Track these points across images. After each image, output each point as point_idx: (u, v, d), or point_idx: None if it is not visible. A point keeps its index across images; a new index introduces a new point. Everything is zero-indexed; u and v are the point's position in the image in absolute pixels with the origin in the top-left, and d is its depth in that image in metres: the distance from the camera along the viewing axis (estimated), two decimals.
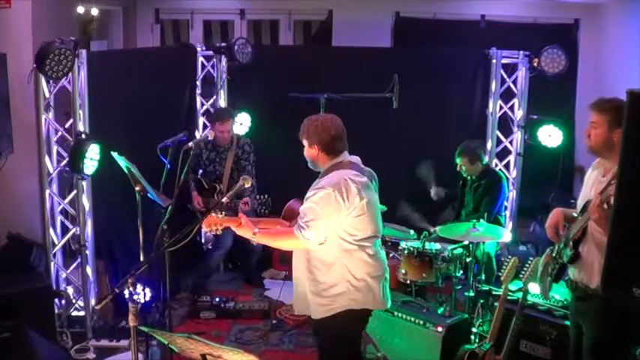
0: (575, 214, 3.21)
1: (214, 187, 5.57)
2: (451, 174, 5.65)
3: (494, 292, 4.30)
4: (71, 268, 4.87)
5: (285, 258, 5.08)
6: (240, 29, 7.58)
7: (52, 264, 4.74)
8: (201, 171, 5.73)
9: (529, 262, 3.77)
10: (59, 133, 4.68)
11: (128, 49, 7.15)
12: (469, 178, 5.45)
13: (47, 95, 4.54)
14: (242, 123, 6.11)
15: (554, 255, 3.29)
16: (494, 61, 6.05)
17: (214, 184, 5.59)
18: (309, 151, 3.36)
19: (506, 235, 4.86)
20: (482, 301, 4.35)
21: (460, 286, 4.85)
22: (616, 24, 6.38)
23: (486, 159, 5.58)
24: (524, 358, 4.02)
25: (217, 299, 5.29)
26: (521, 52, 5.89)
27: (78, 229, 4.75)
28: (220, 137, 5.48)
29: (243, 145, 5.64)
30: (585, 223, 3.06)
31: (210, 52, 6.38)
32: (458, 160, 5.35)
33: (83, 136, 4.48)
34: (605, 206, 2.77)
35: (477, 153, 5.37)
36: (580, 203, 3.21)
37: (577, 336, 3.30)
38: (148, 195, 4.11)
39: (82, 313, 4.83)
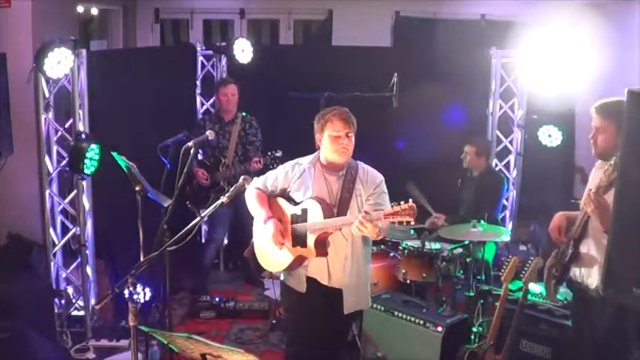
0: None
1: (219, 160, 5.46)
2: (451, 174, 5.65)
3: (494, 292, 4.30)
4: (71, 268, 4.87)
5: None
6: (240, 29, 7.57)
7: (52, 264, 4.74)
8: (200, 156, 5.67)
9: (529, 262, 3.77)
10: (59, 133, 4.67)
11: (128, 48, 7.15)
12: (469, 174, 5.45)
13: (47, 95, 4.53)
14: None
15: (558, 257, 3.29)
16: (494, 61, 6.05)
17: (219, 157, 5.49)
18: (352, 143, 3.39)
19: (505, 235, 4.86)
20: (482, 301, 4.35)
21: (460, 286, 4.85)
22: (616, 23, 6.38)
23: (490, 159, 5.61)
24: (524, 358, 4.01)
25: (217, 299, 5.29)
26: (521, 52, 5.89)
27: (78, 229, 4.75)
28: (225, 102, 5.41)
29: (249, 121, 5.56)
30: (583, 219, 3.06)
31: (210, 52, 6.38)
32: (465, 148, 5.36)
33: (83, 136, 4.48)
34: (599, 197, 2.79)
35: (487, 147, 5.44)
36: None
37: (577, 336, 3.30)
38: (148, 195, 4.11)
39: (82, 313, 4.83)
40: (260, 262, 3.56)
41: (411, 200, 2.99)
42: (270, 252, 3.46)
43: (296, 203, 3.40)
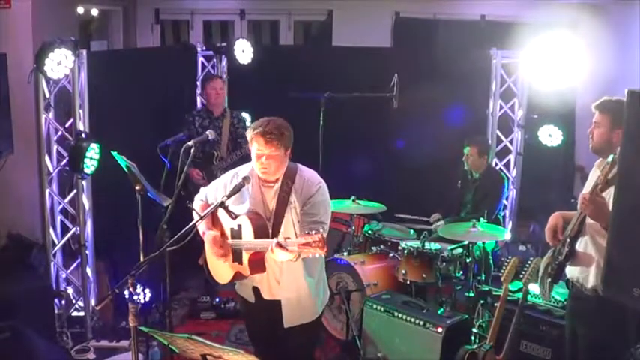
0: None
1: (211, 153, 5.40)
2: (451, 174, 5.65)
3: (494, 292, 4.29)
4: (71, 268, 4.87)
5: None
6: (240, 29, 7.58)
7: (52, 264, 4.74)
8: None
9: (529, 262, 3.77)
10: (59, 133, 4.68)
11: (128, 49, 7.15)
12: (469, 175, 5.45)
13: (47, 95, 4.54)
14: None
15: (554, 255, 3.29)
16: (494, 61, 6.06)
17: (212, 151, 5.43)
18: (284, 158, 3.17)
19: (505, 234, 4.86)
20: (482, 301, 4.35)
21: (460, 286, 4.85)
22: (616, 23, 6.38)
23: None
24: (524, 358, 4.02)
25: (217, 299, 5.29)
26: (521, 52, 5.90)
27: (78, 229, 4.75)
28: (214, 96, 5.39)
29: (237, 115, 5.57)
30: (579, 218, 3.06)
31: (210, 52, 6.39)
32: (466, 150, 5.35)
33: (83, 136, 4.48)
34: (596, 197, 2.79)
35: (487, 145, 5.45)
36: None
37: (572, 336, 3.30)
38: (148, 195, 4.11)
39: (82, 313, 4.83)
40: (210, 269, 3.49)
41: (321, 230, 2.92)
42: (216, 264, 3.39)
43: (235, 216, 3.17)
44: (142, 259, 3.96)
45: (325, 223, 3.14)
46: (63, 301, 4.82)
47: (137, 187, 4.05)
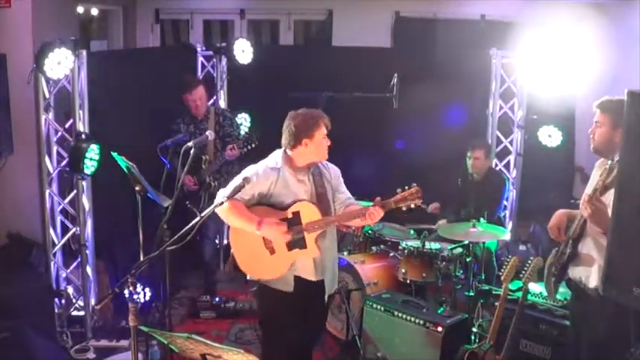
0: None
1: (200, 158, 5.30)
2: (451, 174, 5.65)
3: (494, 292, 4.29)
4: (71, 268, 4.87)
5: None
6: (240, 29, 7.57)
7: (52, 264, 4.74)
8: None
9: (529, 262, 3.77)
10: (59, 133, 4.68)
11: (128, 49, 7.14)
12: (470, 177, 5.45)
13: (47, 95, 4.54)
14: (242, 123, 6.10)
15: (557, 255, 3.29)
16: (494, 61, 6.05)
17: (199, 155, 5.31)
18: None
19: (505, 234, 4.86)
20: (482, 301, 4.35)
21: (460, 286, 4.85)
22: (617, 23, 6.38)
23: None
24: (524, 358, 4.01)
25: (217, 299, 5.29)
26: (521, 52, 5.90)
27: (78, 229, 4.75)
28: (193, 107, 5.30)
29: (222, 112, 5.49)
30: (581, 219, 3.06)
31: (210, 52, 6.38)
32: (472, 153, 5.33)
33: (83, 136, 4.48)
34: (596, 201, 2.79)
35: (490, 146, 5.43)
36: None
37: (576, 336, 3.30)
38: (148, 195, 4.11)
39: (82, 313, 4.83)
40: (248, 272, 3.54)
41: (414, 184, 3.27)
42: (263, 259, 3.44)
43: (282, 208, 3.39)
44: (141, 259, 3.97)
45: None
46: (63, 301, 4.82)
47: (137, 188, 4.06)
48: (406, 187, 3.30)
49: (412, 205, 3.28)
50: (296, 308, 3.49)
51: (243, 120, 6.16)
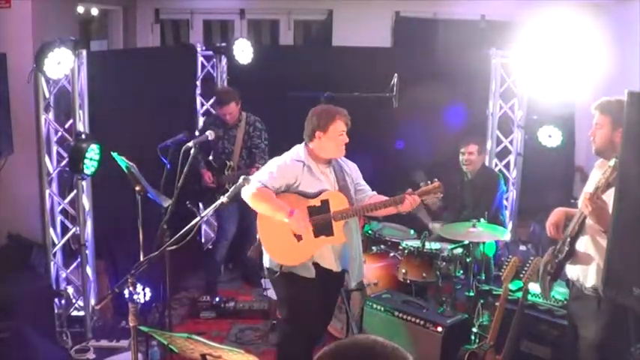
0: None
1: (224, 163, 5.45)
2: (451, 174, 5.64)
3: (494, 292, 4.29)
4: (71, 268, 4.87)
5: None
6: (240, 29, 7.57)
7: (52, 264, 4.74)
8: (211, 156, 5.65)
9: (529, 262, 3.77)
10: (59, 133, 4.67)
11: (128, 49, 7.14)
12: (465, 178, 5.44)
13: (47, 95, 4.53)
14: None
15: (554, 253, 3.29)
16: (493, 61, 6.05)
17: (225, 160, 5.47)
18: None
19: (505, 234, 4.85)
20: (482, 301, 4.35)
21: (460, 286, 4.85)
22: (617, 23, 6.38)
23: None
24: (524, 358, 4.01)
25: (217, 299, 5.29)
26: (521, 52, 5.90)
27: (78, 229, 4.75)
28: (224, 119, 5.41)
29: (253, 123, 5.52)
30: (580, 217, 3.06)
31: (210, 52, 6.38)
32: (466, 148, 5.33)
33: (83, 136, 4.48)
34: (597, 199, 2.79)
35: (485, 142, 5.43)
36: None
37: (574, 335, 3.29)
38: (148, 195, 4.11)
39: (81, 313, 4.83)
40: (274, 257, 3.66)
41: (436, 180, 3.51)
42: (290, 245, 3.58)
43: (310, 197, 3.58)
44: (142, 259, 3.97)
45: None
46: (63, 301, 4.82)
47: (137, 188, 4.06)
48: (429, 182, 3.54)
49: (429, 202, 3.60)
50: (316, 295, 3.65)
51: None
